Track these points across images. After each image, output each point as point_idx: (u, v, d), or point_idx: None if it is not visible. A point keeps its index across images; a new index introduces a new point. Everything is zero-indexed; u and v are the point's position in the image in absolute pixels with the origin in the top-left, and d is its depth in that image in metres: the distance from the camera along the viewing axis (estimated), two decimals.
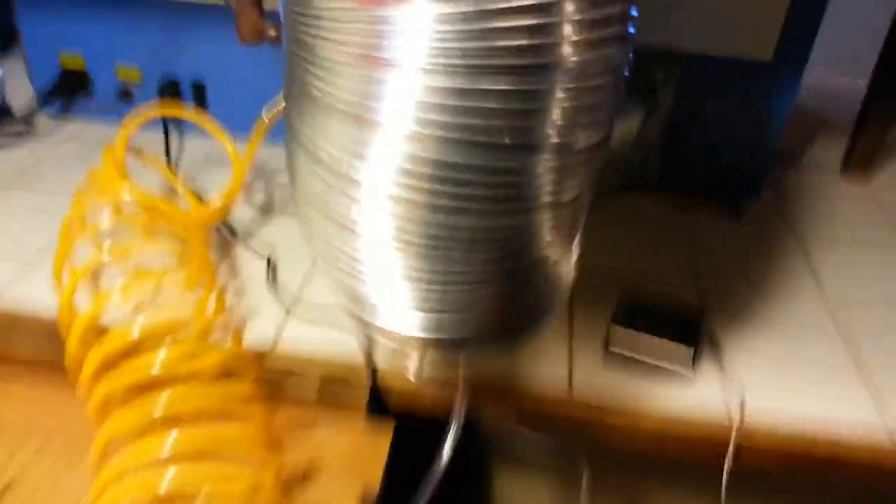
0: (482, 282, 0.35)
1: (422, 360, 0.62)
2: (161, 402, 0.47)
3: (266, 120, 0.68)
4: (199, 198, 0.75)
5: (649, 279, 0.71)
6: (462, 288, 0.37)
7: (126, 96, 0.89)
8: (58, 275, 0.58)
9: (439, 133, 0.28)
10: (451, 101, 0.27)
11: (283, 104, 0.66)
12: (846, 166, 0.91)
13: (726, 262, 0.74)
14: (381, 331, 0.46)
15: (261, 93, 0.72)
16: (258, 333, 0.63)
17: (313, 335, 0.63)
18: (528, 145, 0.29)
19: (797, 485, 0.81)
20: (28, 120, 0.89)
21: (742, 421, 0.57)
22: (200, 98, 0.88)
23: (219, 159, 0.86)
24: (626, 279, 0.71)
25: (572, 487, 0.68)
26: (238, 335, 0.57)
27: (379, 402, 0.60)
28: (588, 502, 0.68)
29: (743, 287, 0.71)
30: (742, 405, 0.58)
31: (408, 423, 0.61)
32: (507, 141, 0.28)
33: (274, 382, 0.59)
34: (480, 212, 0.31)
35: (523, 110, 0.28)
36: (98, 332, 0.60)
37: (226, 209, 0.71)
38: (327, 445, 0.57)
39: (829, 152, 0.95)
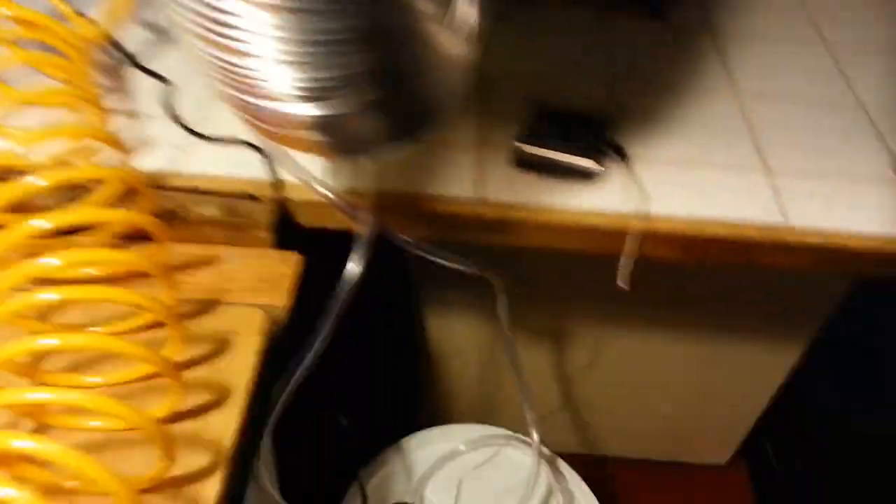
0: (358, 42, 0.33)
1: (326, 170, 0.61)
2: (49, 219, 0.45)
3: None
4: (82, 15, 0.70)
5: (564, 86, 0.69)
6: (343, 58, 0.35)
7: None
8: None
9: None
10: None
11: None
12: None
13: (643, 66, 0.72)
14: (279, 137, 0.44)
15: None
16: (157, 157, 0.60)
17: (216, 155, 0.61)
18: None
19: (700, 279, 0.85)
20: None
21: (647, 214, 0.57)
22: None
23: None
24: (539, 86, 0.69)
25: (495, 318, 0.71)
26: (130, 156, 0.54)
27: (285, 217, 0.59)
28: (507, 324, 0.71)
29: (656, 88, 0.70)
30: (648, 200, 0.58)
31: (316, 251, 0.61)
32: None
33: (173, 212, 0.57)
34: None
35: None
36: None
37: (113, 26, 0.66)
38: (231, 277, 0.57)
39: None
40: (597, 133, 0.61)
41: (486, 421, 1.01)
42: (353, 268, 0.56)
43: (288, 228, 0.61)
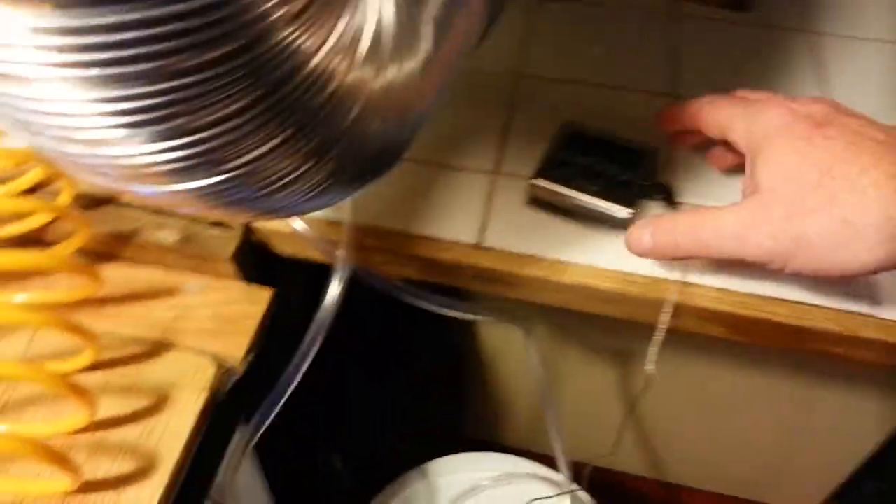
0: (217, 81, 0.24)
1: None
2: None
3: None
4: None
5: (611, 99, 0.56)
6: (208, 105, 0.26)
7: None
8: None
9: None
10: None
11: None
12: None
13: (716, 73, 0.58)
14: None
15: None
16: None
17: None
18: None
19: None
20: None
21: (687, 280, 0.45)
22: None
23: None
24: (580, 98, 0.56)
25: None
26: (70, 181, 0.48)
27: (253, 246, 0.51)
28: (539, 363, 0.61)
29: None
30: (690, 261, 0.45)
31: (291, 288, 0.53)
32: None
33: (128, 236, 0.50)
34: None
35: None
36: None
37: None
38: (188, 314, 0.49)
39: None
40: (639, 166, 0.49)
41: (535, 446, 0.92)
42: (326, 309, 0.48)
43: (264, 257, 0.53)
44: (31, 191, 0.53)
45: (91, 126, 0.25)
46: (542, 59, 0.59)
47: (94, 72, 0.22)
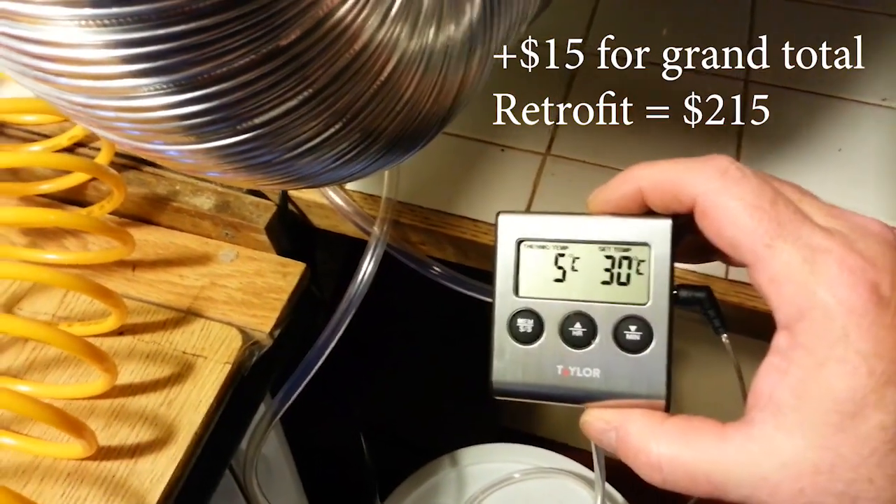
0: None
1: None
2: None
3: None
4: None
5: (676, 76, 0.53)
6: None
7: None
8: None
9: None
10: None
11: None
12: None
13: (795, 49, 0.53)
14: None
15: None
16: None
17: None
18: None
19: None
20: None
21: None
22: None
23: None
24: (644, 74, 0.53)
25: None
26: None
27: (289, 217, 0.50)
28: None
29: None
30: None
31: (325, 261, 0.51)
32: None
33: (166, 199, 0.49)
34: None
35: None
36: None
37: None
38: (219, 283, 0.48)
39: None
40: None
41: (572, 440, 0.89)
42: (359, 285, 0.46)
43: (300, 229, 0.51)
44: (71, 149, 0.52)
45: (98, 74, 0.23)
46: (606, 35, 0.55)
47: (102, 11, 0.21)
